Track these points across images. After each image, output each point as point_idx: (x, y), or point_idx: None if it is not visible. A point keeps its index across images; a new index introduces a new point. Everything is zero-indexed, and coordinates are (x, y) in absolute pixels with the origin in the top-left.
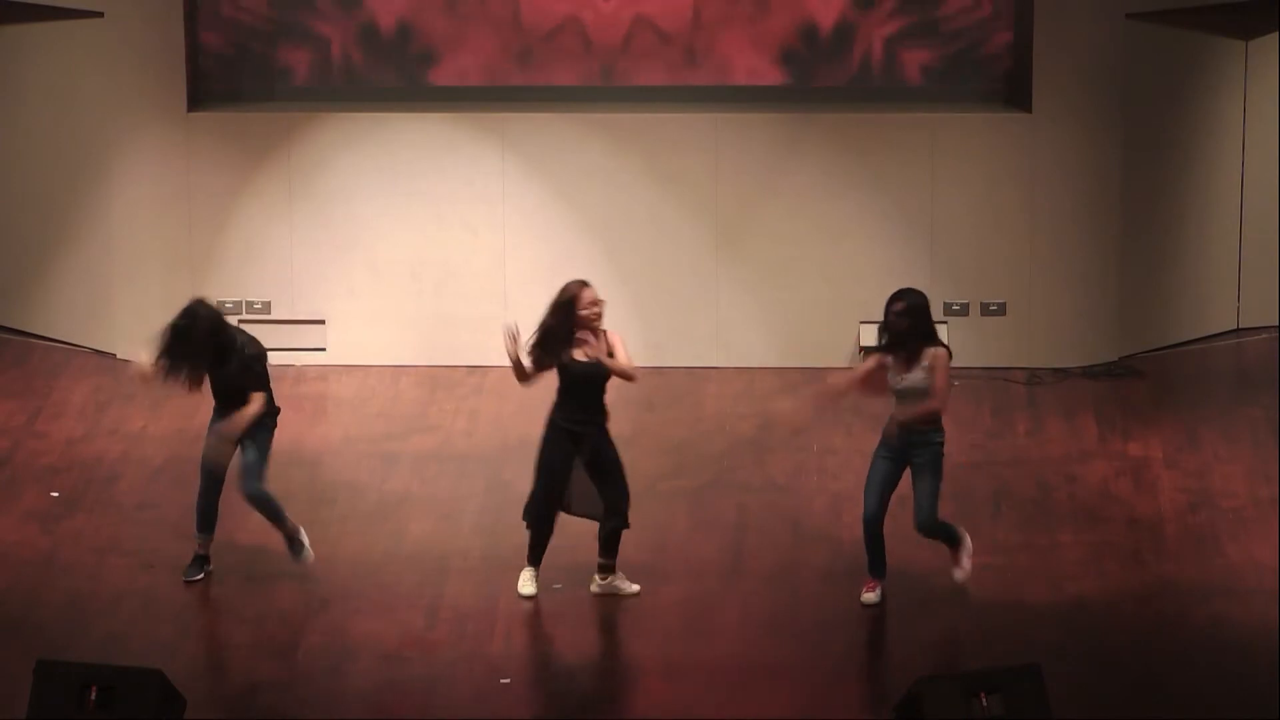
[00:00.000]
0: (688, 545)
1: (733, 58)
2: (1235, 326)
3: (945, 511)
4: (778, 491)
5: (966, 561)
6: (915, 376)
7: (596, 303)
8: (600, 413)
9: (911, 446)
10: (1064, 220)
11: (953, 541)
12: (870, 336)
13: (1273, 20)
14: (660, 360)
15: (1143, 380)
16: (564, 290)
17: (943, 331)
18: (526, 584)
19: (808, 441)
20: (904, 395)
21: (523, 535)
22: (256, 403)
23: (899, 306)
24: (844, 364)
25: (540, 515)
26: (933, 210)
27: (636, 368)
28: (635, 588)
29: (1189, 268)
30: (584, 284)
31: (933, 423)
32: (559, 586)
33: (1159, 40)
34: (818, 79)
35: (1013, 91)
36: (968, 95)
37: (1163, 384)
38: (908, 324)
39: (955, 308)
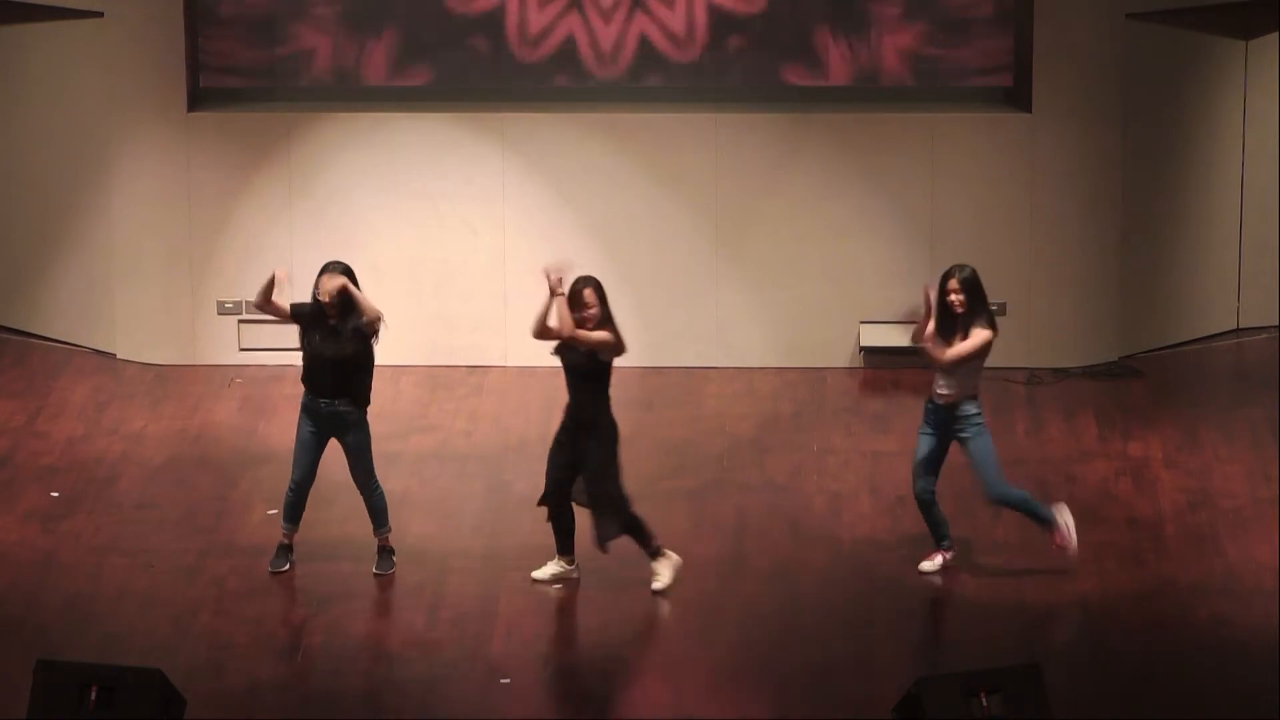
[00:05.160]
0: (688, 545)
1: (733, 55)
2: (1235, 326)
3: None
4: (778, 491)
5: (1065, 535)
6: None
7: (588, 305)
8: (590, 410)
9: (951, 422)
10: (1064, 220)
11: (1036, 516)
12: (870, 336)
13: (1273, 20)
14: (660, 360)
15: (1143, 380)
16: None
17: None
18: (540, 570)
19: (808, 441)
20: (944, 370)
21: (522, 535)
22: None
23: (953, 284)
24: (844, 364)
25: (547, 505)
26: (933, 210)
27: (601, 338)
28: (657, 585)
29: (1189, 268)
30: (581, 283)
31: (963, 398)
32: (559, 586)
33: (1159, 40)
34: (818, 78)
35: (1013, 91)
36: (968, 95)
37: (1163, 384)
38: (963, 300)
39: None
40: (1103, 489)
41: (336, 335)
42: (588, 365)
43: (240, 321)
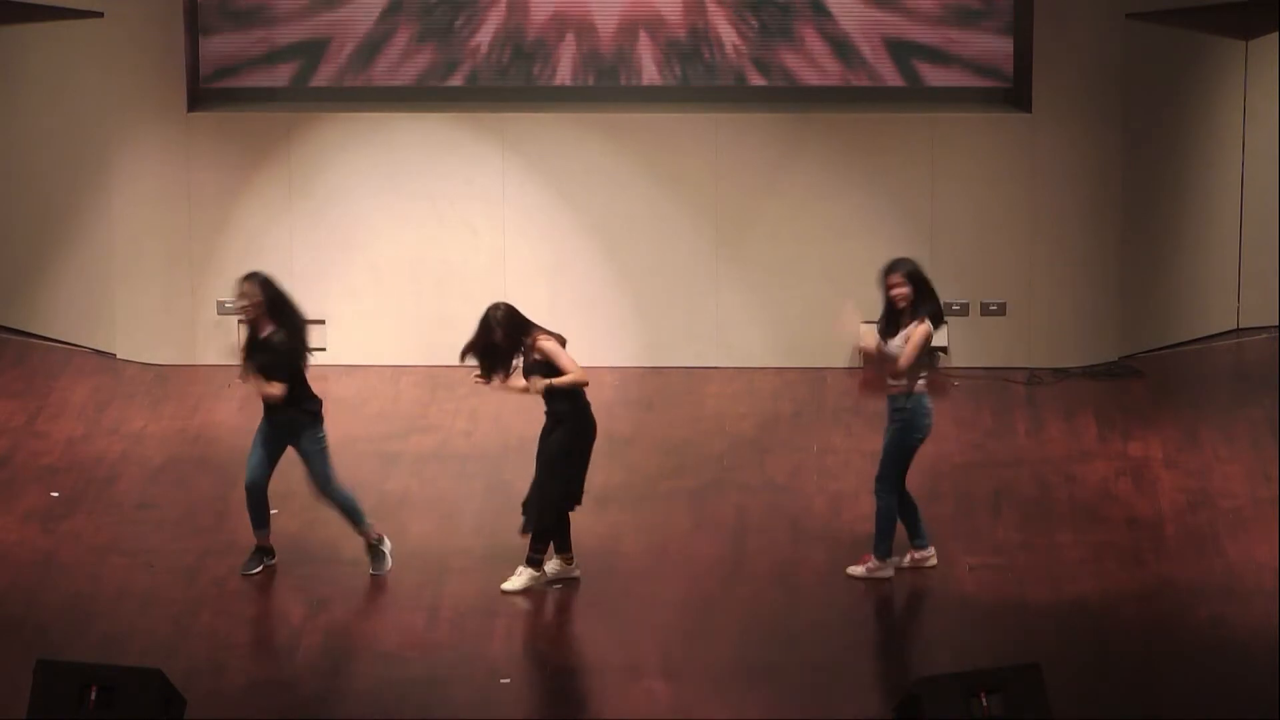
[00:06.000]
0: (688, 545)
1: (732, 56)
2: (1235, 326)
3: (945, 510)
4: (778, 491)
5: (862, 567)
6: (896, 345)
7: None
8: (564, 406)
9: (892, 413)
10: (1064, 220)
11: (882, 533)
12: (872, 338)
13: (1273, 20)
14: (660, 360)
15: (1143, 380)
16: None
17: (943, 332)
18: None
19: (808, 441)
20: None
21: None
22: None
23: (895, 279)
24: (844, 364)
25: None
26: (933, 210)
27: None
28: (507, 586)
29: (1189, 268)
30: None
31: (900, 392)
32: (558, 586)
33: (1159, 40)
34: (818, 78)
35: (1013, 91)
36: (968, 95)
37: (1163, 384)
38: (907, 294)
39: (955, 308)
40: (1103, 489)
41: (263, 346)
42: (555, 373)
43: (240, 322)
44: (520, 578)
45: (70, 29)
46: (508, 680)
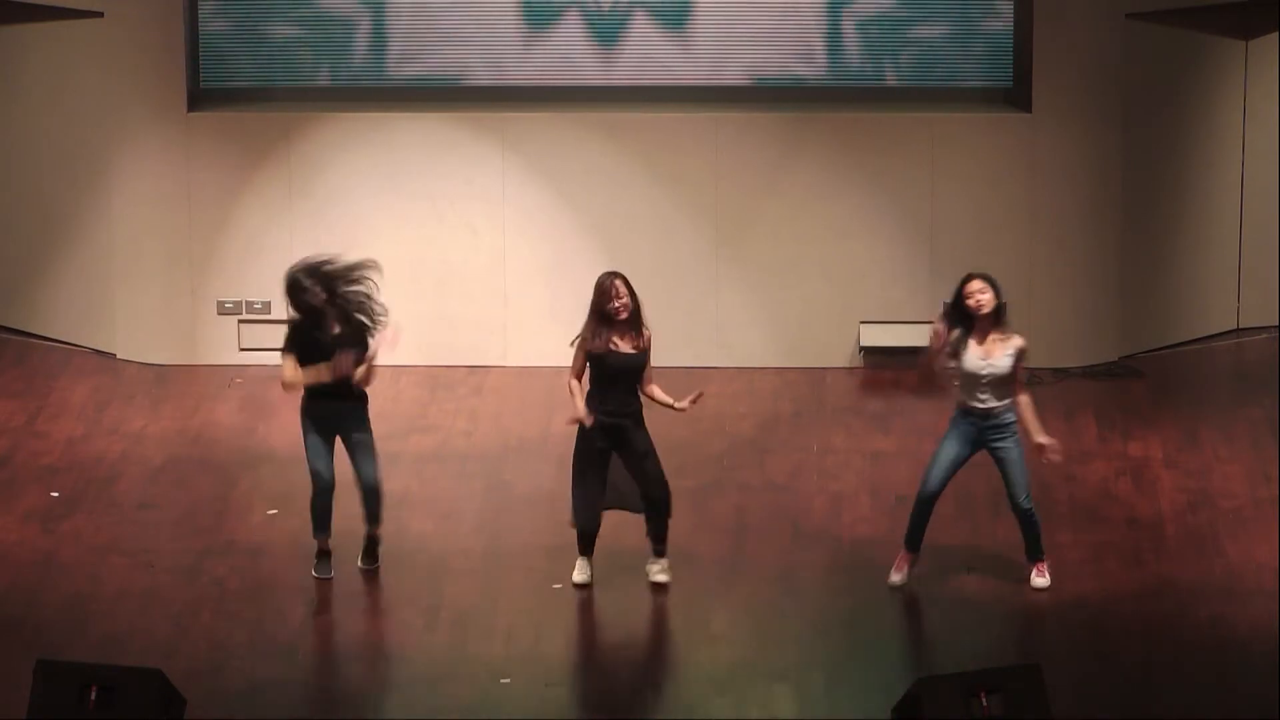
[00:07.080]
0: (688, 545)
1: (733, 55)
2: (1235, 326)
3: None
4: (778, 491)
5: (1044, 579)
6: (1003, 362)
7: (621, 295)
8: (637, 402)
9: (990, 430)
10: (1064, 220)
11: (1034, 540)
12: (870, 336)
13: (1273, 20)
14: (660, 360)
15: (1143, 380)
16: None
17: None
18: (578, 572)
19: (808, 441)
20: (989, 381)
21: (522, 535)
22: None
23: (980, 285)
24: (844, 364)
25: (587, 517)
26: (933, 210)
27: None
28: (662, 579)
29: (1189, 268)
30: (613, 275)
31: (1004, 407)
32: (558, 586)
33: (1159, 40)
34: (818, 78)
35: (1013, 91)
36: (968, 95)
37: (1163, 384)
38: (992, 299)
39: None
40: (1103, 489)
41: (337, 343)
42: (638, 360)
43: (240, 321)
44: (661, 570)
45: (70, 29)
46: (508, 680)
